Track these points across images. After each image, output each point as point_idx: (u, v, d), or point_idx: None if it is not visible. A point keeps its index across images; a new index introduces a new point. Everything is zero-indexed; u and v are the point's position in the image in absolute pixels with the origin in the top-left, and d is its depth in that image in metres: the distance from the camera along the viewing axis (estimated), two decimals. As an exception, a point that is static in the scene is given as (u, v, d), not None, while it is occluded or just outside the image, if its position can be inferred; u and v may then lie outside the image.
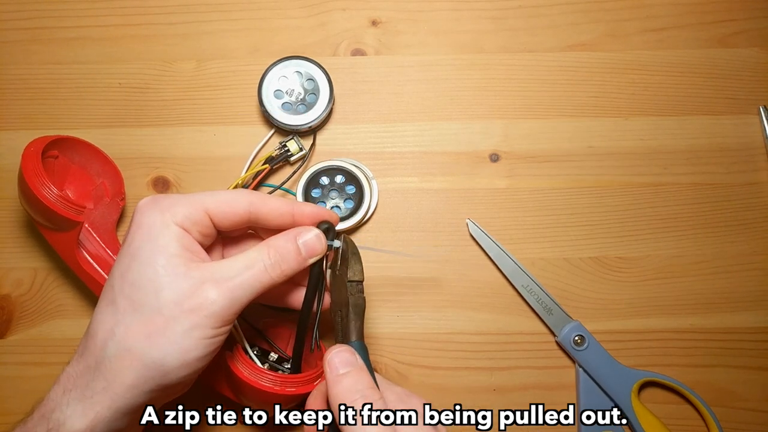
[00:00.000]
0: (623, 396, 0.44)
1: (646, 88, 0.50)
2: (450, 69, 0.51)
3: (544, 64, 0.51)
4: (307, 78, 0.48)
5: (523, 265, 0.46)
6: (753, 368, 0.46)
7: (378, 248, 0.47)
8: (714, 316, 0.47)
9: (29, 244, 0.48)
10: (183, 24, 0.51)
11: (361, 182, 0.47)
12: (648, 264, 0.47)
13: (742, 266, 0.47)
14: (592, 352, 0.45)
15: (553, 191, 0.49)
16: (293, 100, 0.48)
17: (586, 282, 0.47)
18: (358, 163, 0.48)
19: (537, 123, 0.50)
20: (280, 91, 0.48)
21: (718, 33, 0.51)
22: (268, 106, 0.47)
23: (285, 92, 0.48)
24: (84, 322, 0.47)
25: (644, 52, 0.51)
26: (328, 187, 0.47)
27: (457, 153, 0.49)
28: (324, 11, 0.52)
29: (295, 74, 0.48)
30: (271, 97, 0.48)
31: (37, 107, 0.50)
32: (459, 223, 0.48)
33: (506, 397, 0.45)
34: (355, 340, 0.34)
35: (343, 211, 0.47)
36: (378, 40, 0.51)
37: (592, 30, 0.51)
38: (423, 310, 0.47)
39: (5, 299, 0.47)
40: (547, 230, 0.48)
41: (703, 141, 0.49)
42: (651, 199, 0.48)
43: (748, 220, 0.48)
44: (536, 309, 0.46)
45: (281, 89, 0.48)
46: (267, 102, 0.47)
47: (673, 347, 0.46)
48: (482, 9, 0.52)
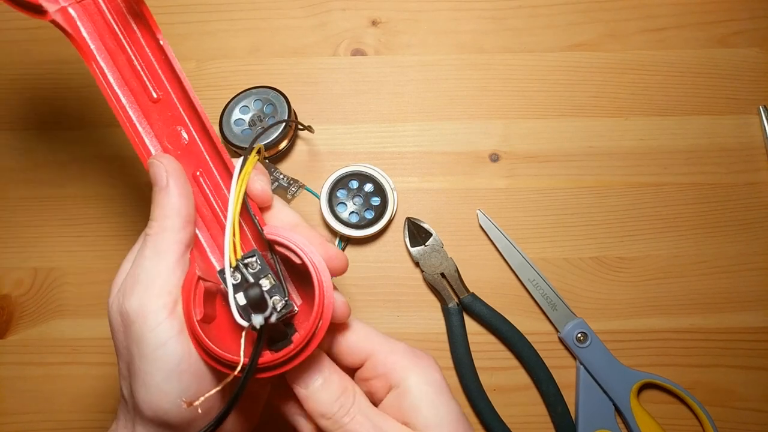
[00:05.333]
0: (623, 396, 0.44)
1: (646, 88, 0.50)
2: (450, 69, 0.51)
3: (544, 64, 0.51)
4: (267, 104, 0.48)
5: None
6: (753, 368, 0.46)
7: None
8: (714, 316, 0.47)
9: (29, 244, 0.48)
10: (183, 24, 0.51)
11: (386, 196, 0.47)
12: (648, 264, 0.47)
13: (742, 266, 0.47)
14: (594, 350, 0.45)
15: (553, 191, 0.49)
16: (249, 123, 0.48)
17: (586, 282, 0.47)
18: (383, 172, 0.48)
19: (537, 123, 0.50)
20: (241, 120, 0.48)
21: (718, 33, 0.51)
22: (228, 135, 0.47)
23: (246, 120, 0.48)
24: (84, 322, 0.47)
25: (644, 52, 0.51)
26: (354, 192, 0.47)
27: (457, 153, 0.49)
28: (324, 11, 0.52)
29: (256, 102, 0.48)
30: (232, 125, 0.47)
31: (37, 107, 0.50)
32: (459, 223, 0.48)
33: (506, 397, 0.45)
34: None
35: (360, 218, 0.47)
36: (378, 40, 0.51)
37: (592, 30, 0.51)
38: (423, 310, 0.47)
39: (5, 299, 0.47)
40: (547, 230, 0.48)
41: (703, 141, 0.49)
42: (651, 199, 0.48)
43: (748, 220, 0.48)
44: (541, 304, 0.46)
45: (242, 118, 0.48)
46: (227, 132, 0.47)
47: (673, 347, 0.46)
48: (482, 9, 0.52)
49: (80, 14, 0.31)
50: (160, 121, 0.32)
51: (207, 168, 0.32)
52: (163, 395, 0.28)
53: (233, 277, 0.28)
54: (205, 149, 0.32)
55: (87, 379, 0.46)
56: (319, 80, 0.51)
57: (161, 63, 0.31)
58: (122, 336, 0.29)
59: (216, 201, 0.31)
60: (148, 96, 0.32)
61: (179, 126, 0.32)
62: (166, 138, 0.32)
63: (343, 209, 0.47)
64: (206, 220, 0.31)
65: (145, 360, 0.28)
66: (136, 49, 0.32)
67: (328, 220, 0.46)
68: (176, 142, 0.32)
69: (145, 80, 0.32)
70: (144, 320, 0.28)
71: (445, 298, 0.46)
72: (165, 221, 0.29)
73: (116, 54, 0.32)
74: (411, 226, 0.47)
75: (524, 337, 0.45)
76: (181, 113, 0.32)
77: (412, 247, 0.47)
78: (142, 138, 0.31)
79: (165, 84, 0.31)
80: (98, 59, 0.31)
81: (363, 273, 0.47)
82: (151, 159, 0.31)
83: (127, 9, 0.31)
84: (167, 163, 0.30)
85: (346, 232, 0.46)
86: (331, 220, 0.46)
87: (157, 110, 0.32)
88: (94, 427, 0.45)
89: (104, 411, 0.45)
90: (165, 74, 0.32)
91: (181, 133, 0.32)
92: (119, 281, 0.30)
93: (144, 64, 0.32)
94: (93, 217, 0.48)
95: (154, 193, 0.30)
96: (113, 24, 0.31)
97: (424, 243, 0.47)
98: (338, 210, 0.47)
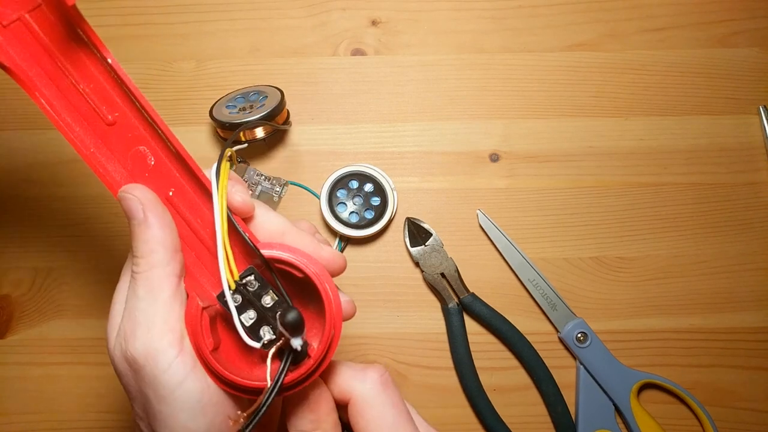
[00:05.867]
0: (623, 396, 0.44)
1: (646, 88, 0.50)
2: (450, 69, 0.51)
3: (544, 64, 0.51)
4: (262, 96, 0.47)
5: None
6: (753, 368, 0.46)
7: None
8: (714, 316, 0.47)
9: (29, 244, 0.48)
10: (183, 24, 0.51)
11: (386, 196, 0.47)
12: (648, 264, 0.47)
13: (742, 266, 0.47)
14: (594, 350, 0.45)
15: (553, 191, 0.49)
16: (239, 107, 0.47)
17: (586, 282, 0.47)
18: (383, 172, 0.48)
19: (537, 123, 0.50)
20: (232, 105, 0.47)
21: (718, 33, 0.51)
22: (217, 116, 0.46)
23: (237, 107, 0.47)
24: (84, 322, 0.47)
25: (644, 52, 0.51)
26: (354, 192, 0.47)
27: (457, 153, 0.49)
28: (324, 11, 0.52)
29: (253, 95, 0.48)
30: (222, 110, 0.47)
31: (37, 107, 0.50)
32: (459, 223, 0.48)
33: (506, 397, 0.45)
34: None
35: (359, 219, 0.47)
36: (378, 40, 0.51)
37: (592, 30, 0.51)
38: (423, 310, 0.47)
39: (5, 299, 0.47)
40: (547, 230, 0.48)
41: (703, 141, 0.49)
42: (651, 199, 0.48)
43: (748, 220, 0.48)
44: (541, 304, 0.46)
45: (233, 104, 0.47)
46: (217, 114, 0.46)
47: (673, 347, 0.46)
48: (482, 9, 0.52)
49: (10, 40, 0.28)
50: (120, 145, 0.29)
51: (180, 186, 0.30)
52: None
53: (234, 299, 0.28)
54: (174, 167, 0.30)
55: (87, 379, 0.46)
56: (319, 80, 0.51)
57: (111, 83, 0.29)
58: (132, 381, 0.28)
59: (196, 219, 0.30)
60: (102, 119, 0.29)
61: (143, 146, 0.30)
62: (130, 161, 0.30)
63: (343, 209, 0.47)
64: (188, 241, 0.30)
65: (164, 402, 0.27)
66: (81, 73, 0.29)
67: (328, 220, 0.46)
68: (142, 164, 0.30)
69: (96, 103, 0.29)
70: (155, 363, 0.27)
71: (445, 298, 0.46)
72: (151, 257, 0.28)
73: (60, 80, 0.29)
74: (411, 226, 0.47)
75: (524, 337, 0.45)
76: (142, 132, 0.30)
77: (412, 247, 0.47)
78: (105, 167, 0.29)
79: (119, 104, 0.29)
80: (40, 88, 0.29)
81: (363, 273, 0.47)
82: (120, 192, 0.29)
83: (65, 30, 0.28)
84: (140, 195, 0.28)
85: (346, 232, 0.46)
86: (331, 220, 0.46)
87: (114, 133, 0.29)
88: (94, 427, 0.45)
89: (104, 411, 0.45)
90: (117, 94, 0.29)
91: (147, 154, 0.30)
92: (115, 324, 0.29)
93: (92, 87, 0.29)
94: (92, 218, 0.48)
95: (132, 227, 0.28)
96: (51, 47, 0.28)
97: (424, 243, 0.47)
98: (338, 210, 0.47)
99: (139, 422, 0.29)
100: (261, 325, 0.28)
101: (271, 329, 0.28)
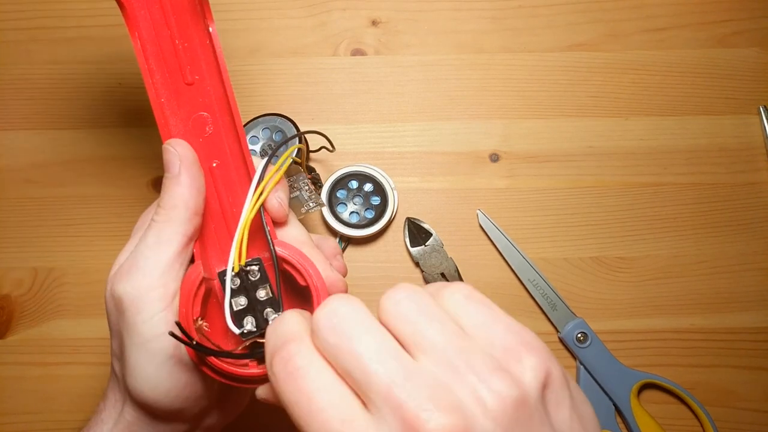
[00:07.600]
0: (623, 397, 0.44)
1: (646, 88, 0.50)
2: (450, 69, 0.51)
3: (544, 64, 0.51)
4: (276, 131, 0.47)
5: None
6: (753, 368, 0.46)
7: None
8: (714, 316, 0.47)
9: (29, 244, 0.48)
10: (183, 24, 0.51)
11: (386, 195, 0.47)
12: (648, 264, 0.47)
13: (742, 266, 0.47)
14: (595, 350, 0.45)
15: (553, 191, 0.49)
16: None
17: (586, 282, 0.47)
18: (383, 172, 0.48)
19: (537, 123, 0.50)
20: (252, 150, 0.46)
21: (718, 33, 0.51)
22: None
23: (257, 151, 0.47)
24: (84, 322, 0.47)
25: (644, 52, 0.51)
26: (354, 192, 0.47)
27: (457, 153, 0.49)
28: (324, 11, 0.52)
29: (264, 131, 0.47)
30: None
31: (37, 107, 0.50)
32: (459, 223, 0.48)
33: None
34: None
35: (360, 218, 0.47)
36: (378, 40, 0.51)
37: (592, 30, 0.51)
38: (423, 310, 0.47)
39: (5, 299, 0.47)
40: (547, 230, 0.48)
41: (703, 141, 0.49)
42: (651, 199, 0.48)
43: (748, 220, 0.48)
44: (541, 304, 0.46)
45: (254, 149, 0.47)
46: None
47: (673, 347, 0.46)
48: (482, 9, 0.52)
49: None
50: (188, 105, 0.31)
51: (225, 161, 0.31)
52: (153, 386, 0.28)
53: (233, 282, 0.28)
54: (227, 143, 0.31)
55: (87, 379, 0.46)
56: (319, 80, 0.51)
57: (204, 49, 0.31)
58: (115, 318, 0.29)
59: (228, 197, 0.31)
60: (183, 77, 0.31)
61: (207, 114, 0.31)
62: (191, 123, 0.31)
63: (343, 209, 0.47)
64: (212, 212, 0.31)
65: (136, 350, 0.28)
66: (182, 30, 0.31)
67: (328, 220, 0.46)
68: (200, 129, 0.31)
69: (184, 61, 0.31)
70: (137, 310, 0.28)
71: (445, 298, 0.46)
72: (172, 211, 0.29)
73: (161, 29, 0.31)
74: (411, 226, 0.47)
75: (524, 337, 0.45)
76: (213, 101, 0.31)
77: (412, 247, 0.47)
78: (167, 118, 0.31)
79: (203, 69, 0.31)
80: (141, 30, 0.30)
81: (363, 273, 0.47)
82: (165, 144, 0.30)
83: None
84: (181, 151, 0.30)
85: (346, 232, 0.46)
86: (331, 220, 0.46)
87: (188, 93, 0.31)
88: (94, 427, 0.45)
89: (104, 411, 0.45)
90: (205, 60, 0.31)
91: (208, 122, 0.31)
92: (121, 260, 0.30)
93: (186, 46, 0.31)
94: (92, 218, 0.48)
95: (165, 179, 0.29)
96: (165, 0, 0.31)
97: (424, 243, 0.47)
98: (338, 210, 0.47)
99: (113, 359, 0.30)
100: (247, 315, 0.29)
101: (255, 322, 0.29)
